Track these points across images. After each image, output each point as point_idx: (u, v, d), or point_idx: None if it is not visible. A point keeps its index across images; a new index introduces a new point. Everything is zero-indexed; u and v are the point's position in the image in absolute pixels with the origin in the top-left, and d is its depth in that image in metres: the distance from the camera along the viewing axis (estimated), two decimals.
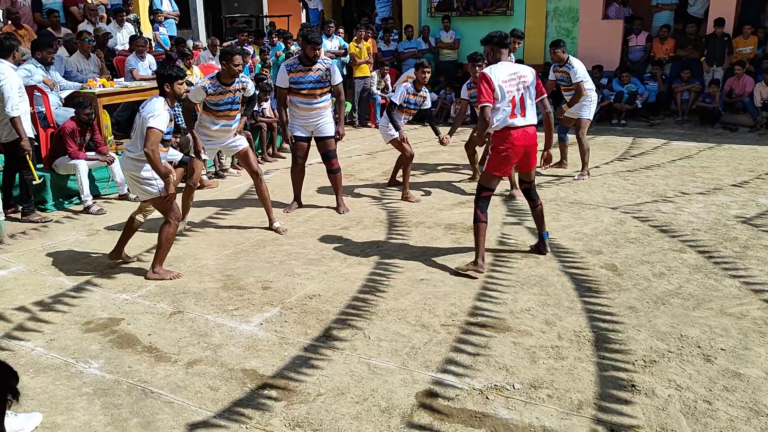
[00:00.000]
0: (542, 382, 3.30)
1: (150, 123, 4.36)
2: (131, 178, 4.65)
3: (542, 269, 4.77)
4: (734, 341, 3.65)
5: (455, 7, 12.74)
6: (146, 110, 4.45)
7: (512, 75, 4.57)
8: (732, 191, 6.75)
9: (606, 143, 9.48)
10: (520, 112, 4.59)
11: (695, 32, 11.10)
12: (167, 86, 4.49)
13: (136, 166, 4.56)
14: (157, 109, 4.41)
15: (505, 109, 4.55)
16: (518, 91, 4.57)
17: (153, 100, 4.51)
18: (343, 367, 3.47)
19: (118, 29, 10.32)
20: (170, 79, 4.47)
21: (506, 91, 4.52)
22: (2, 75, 5.64)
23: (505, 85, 4.52)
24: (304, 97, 6.04)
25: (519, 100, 4.58)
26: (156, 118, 4.37)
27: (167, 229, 4.69)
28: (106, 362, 3.58)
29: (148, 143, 4.34)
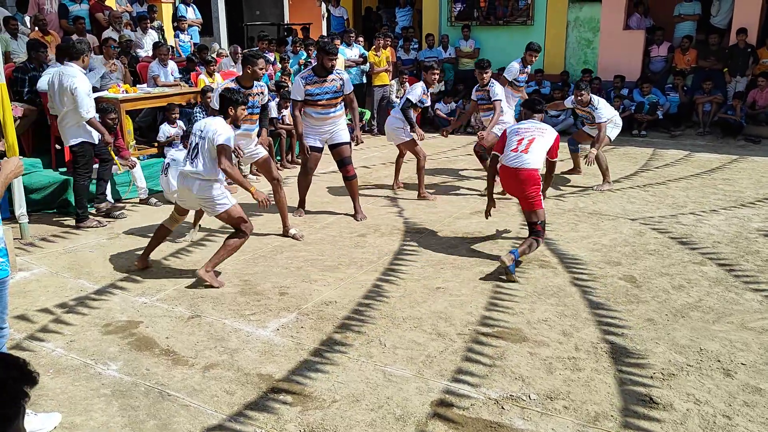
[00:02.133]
0: (559, 393, 3.27)
1: (219, 141, 4.50)
2: (203, 200, 4.68)
3: (560, 280, 4.74)
4: (755, 356, 3.60)
5: (475, 16, 12.75)
6: (209, 131, 4.55)
7: None
8: (754, 204, 6.66)
9: (626, 154, 9.41)
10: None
11: (718, 43, 10.99)
12: (231, 109, 4.64)
13: (209, 186, 4.63)
14: (221, 127, 4.56)
15: None
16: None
17: (213, 121, 4.64)
18: (359, 374, 3.48)
19: (142, 36, 10.47)
20: (235, 104, 4.65)
21: None
22: (74, 79, 5.78)
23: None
24: (321, 107, 6.08)
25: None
26: (223, 135, 4.52)
27: (239, 238, 4.75)
28: (125, 364, 3.62)
29: (223, 160, 4.51)
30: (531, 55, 7.81)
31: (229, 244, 4.74)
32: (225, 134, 4.54)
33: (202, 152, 4.59)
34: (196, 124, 4.79)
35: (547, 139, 5.09)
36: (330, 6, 15.04)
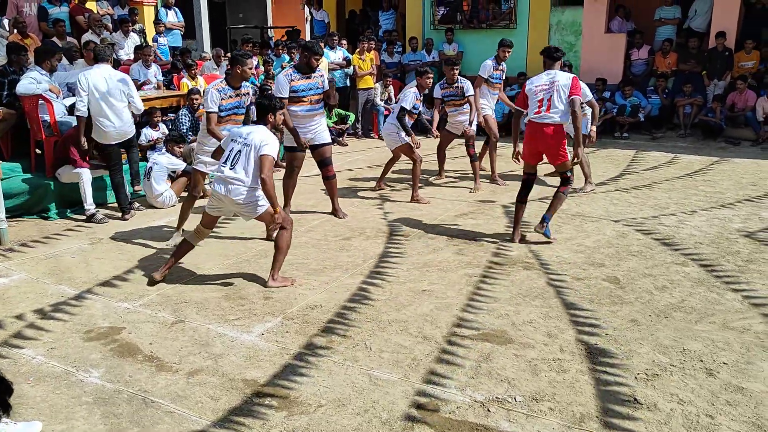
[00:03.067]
0: (544, 394, 3.28)
1: (264, 151, 4.51)
2: (244, 205, 4.65)
3: (544, 281, 4.77)
4: (737, 355, 3.64)
5: (459, 20, 12.81)
6: (255, 139, 4.55)
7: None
8: (734, 205, 6.74)
9: (609, 156, 9.48)
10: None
11: (697, 47, 11.14)
12: (270, 116, 4.70)
13: (252, 193, 4.64)
14: (267, 137, 4.57)
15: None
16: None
17: (257, 129, 4.62)
18: (345, 378, 3.46)
19: (123, 39, 10.39)
20: (274, 110, 4.70)
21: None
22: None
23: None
24: (308, 104, 6.11)
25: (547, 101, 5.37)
26: (269, 145, 4.53)
27: (285, 234, 4.77)
28: (107, 371, 3.58)
29: (265, 170, 4.50)
30: (504, 51, 7.92)
31: (281, 244, 4.75)
32: (272, 144, 4.55)
33: (246, 159, 4.58)
34: (237, 130, 4.75)
35: (562, 90, 5.35)
36: (312, 9, 15.02)
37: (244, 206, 4.67)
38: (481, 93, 7.87)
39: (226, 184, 4.63)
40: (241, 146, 4.60)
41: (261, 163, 4.51)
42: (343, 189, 7.69)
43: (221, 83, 5.52)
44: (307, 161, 6.63)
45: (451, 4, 12.91)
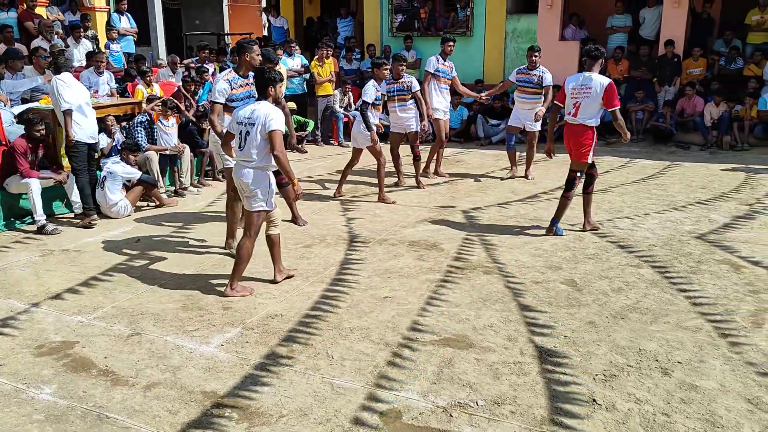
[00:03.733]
0: (505, 398, 3.31)
1: (272, 126, 4.41)
2: (250, 191, 4.56)
3: (504, 285, 4.81)
4: (690, 354, 3.73)
5: (416, 27, 12.91)
6: (259, 117, 4.44)
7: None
8: (686, 208, 6.94)
9: (565, 161, 9.63)
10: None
11: (648, 54, 11.46)
12: (271, 89, 4.56)
13: (262, 175, 4.56)
14: (272, 111, 4.47)
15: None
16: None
17: (259, 105, 4.52)
18: (306, 388, 3.43)
19: (75, 46, 10.14)
20: (273, 82, 4.56)
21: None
22: None
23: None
24: None
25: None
26: (275, 120, 4.44)
27: (247, 244, 4.66)
28: (60, 387, 3.46)
29: (276, 146, 4.42)
30: (447, 46, 8.27)
31: (243, 253, 4.66)
32: (277, 119, 4.45)
33: (253, 140, 4.48)
34: (240, 112, 4.59)
35: (594, 97, 5.69)
36: (270, 16, 14.94)
37: (250, 191, 4.56)
38: (430, 90, 8.14)
39: (239, 167, 4.61)
40: (247, 127, 4.50)
41: (271, 140, 4.43)
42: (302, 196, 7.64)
43: (230, 73, 5.39)
44: None
45: (408, 11, 13.00)
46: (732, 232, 6.02)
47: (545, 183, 8.22)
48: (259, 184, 4.55)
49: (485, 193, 7.75)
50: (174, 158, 7.83)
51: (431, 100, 8.13)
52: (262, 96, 4.61)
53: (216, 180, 8.61)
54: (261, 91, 4.61)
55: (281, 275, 4.92)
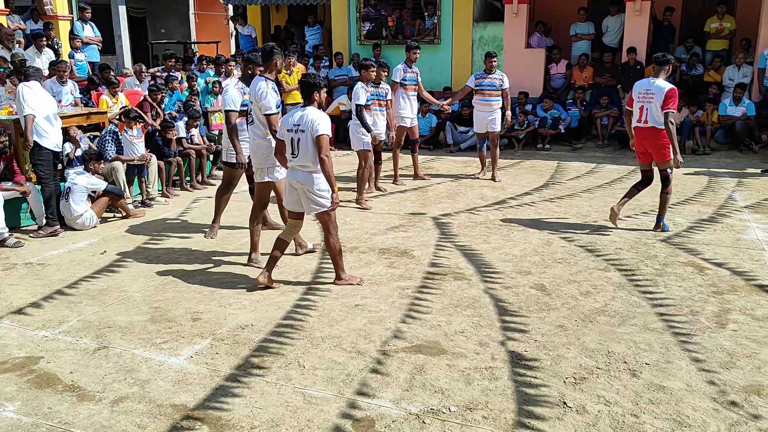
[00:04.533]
0: (477, 403, 3.32)
1: (320, 131, 4.60)
2: (307, 193, 4.72)
3: (474, 291, 4.84)
4: (657, 355, 3.80)
5: (384, 35, 12.96)
6: (308, 122, 4.63)
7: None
8: (651, 212, 7.06)
9: (532, 167, 9.78)
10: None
11: (611, 61, 11.70)
12: (316, 94, 4.76)
13: (315, 179, 4.70)
14: (319, 116, 4.66)
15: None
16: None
17: (307, 111, 4.69)
18: (278, 398, 3.40)
19: (37, 55, 9.95)
20: (318, 88, 4.76)
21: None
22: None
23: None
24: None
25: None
26: (322, 124, 4.62)
27: (332, 240, 4.87)
28: (23, 404, 3.38)
29: (323, 150, 4.59)
30: (413, 53, 8.49)
31: (332, 248, 4.89)
32: (324, 123, 4.64)
33: (305, 145, 4.65)
34: (289, 119, 4.74)
35: (657, 102, 5.97)
36: (238, 24, 14.87)
37: (310, 196, 4.73)
38: (397, 99, 8.34)
39: (296, 172, 4.74)
40: (298, 133, 4.67)
41: (318, 144, 4.60)
42: (273, 205, 7.61)
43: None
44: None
45: (376, 20, 13.06)
46: (696, 235, 6.16)
47: (513, 189, 8.32)
48: (317, 186, 4.72)
49: (455, 200, 7.80)
50: (141, 168, 7.72)
51: (398, 108, 8.35)
52: (307, 101, 4.78)
53: (184, 189, 8.51)
54: (306, 97, 4.78)
55: (341, 282, 5.02)
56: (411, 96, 8.46)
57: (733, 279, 5.01)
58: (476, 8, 12.46)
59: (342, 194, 7.94)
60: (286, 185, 4.88)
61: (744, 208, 7.10)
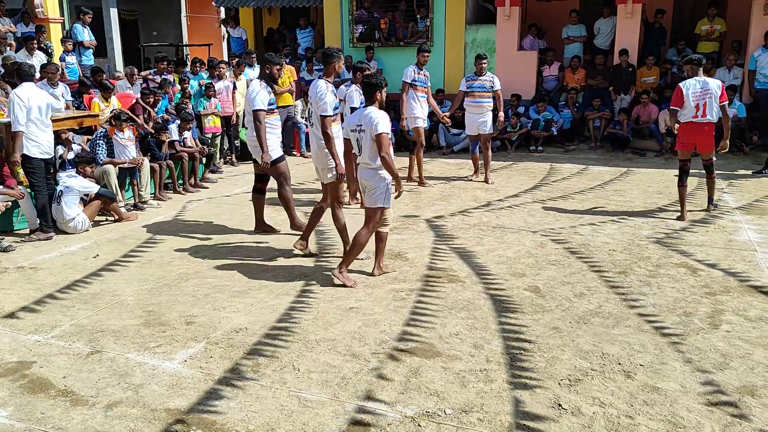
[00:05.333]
0: (473, 406, 3.32)
1: (379, 129, 4.76)
2: (368, 188, 4.94)
3: (469, 293, 4.85)
4: (651, 356, 3.81)
5: (377, 38, 12.97)
6: (368, 121, 4.80)
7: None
8: (643, 213, 7.10)
9: (525, 169, 9.80)
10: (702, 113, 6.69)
11: (603, 63, 11.75)
12: (377, 94, 4.92)
13: (377, 174, 4.90)
14: (379, 116, 4.81)
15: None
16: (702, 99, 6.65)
17: (369, 110, 4.86)
18: (273, 402, 3.39)
19: (28, 58, 9.89)
20: (380, 88, 4.93)
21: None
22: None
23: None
24: (276, 115, 6.31)
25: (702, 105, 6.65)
26: (381, 123, 4.78)
27: (366, 236, 5.00)
28: (16, 410, 3.35)
29: (383, 148, 4.75)
30: (423, 56, 8.52)
31: (360, 240, 4.99)
32: (384, 122, 4.79)
33: (366, 143, 4.85)
34: (352, 120, 4.93)
35: (714, 96, 6.62)
36: (229, 27, 14.85)
37: (373, 190, 4.91)
38: (408, 100, 8.38)
39: (363, 169, 4.97)
40: (359, 133, 4.88)
41: (378, 142, 4.76)
42: (266, 208, 7.60)
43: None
44: (239, 177, 6.50)
45: (368, 22, 13.06)
46: (688, 236, 6.19)
47: (506, 190, 8.34)
48: (378, 183, 4.89)
49: (448, 202, 7.81)
50: (133, 171, 7.69)
51: (411, 109, 8.37)
52: (369, 101, 4.93)
53: (177, 193, 8.49)
54: (368, 96, 4.94)
55: (379, 270, 5.18)
56: (421, 97, 8.51)
57: (725, 280, 5.04)
58: (469, 11, 12.50)
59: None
60: (360, 178, 5.08)
61: (736, 209, 7.14)
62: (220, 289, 5.03)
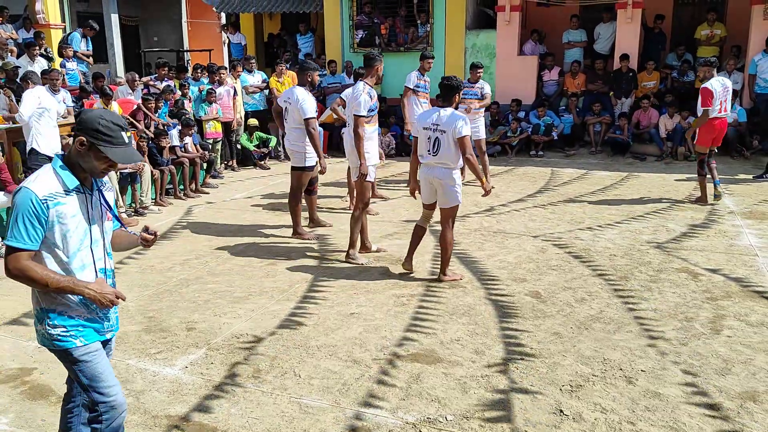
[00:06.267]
0: (474, 412, 3.32)
1: (462, 132, 4.86)
2: (447, 187, 5.01)
3: (470, 298, 4.84)
4: (653, 362, 3.80)
5: (377, 43, 12.99)
6: (449, 124, 4.87)
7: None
8: (643, 218, 7.10)
9: (525, 174, 9.80)
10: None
11: (603, 68, 11.77)
12: (456, 96, 5.06)
13: (453, 174, 4.99)
14: (460, 119, 4.90)
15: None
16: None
17: (448, 112, 4.94)
18: (274, 408, 3.38)
19: (29, 63, 9.91)
20: (459, 90, 5.08)
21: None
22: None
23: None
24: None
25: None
26: (465, 126, 4.88)
27: (449, 235, 5.13)
28: (17, 416, 3.35)
29: (467, 150, 4.87)
30: (426, 63, 8.49)
31: (446, 242, 5.12)
32: (466, 126, 4.89)
33: (446, 144, 4.91)
34: (427, 119, 5.03)
35: (731, 93, 7.57)
36: (228, 33, 14.88)
37: (449, 189, 5.00)
38: (411, 105, 8.38)
39: (434, 168, 5.02)
40: (437, 132, 4.93)
41: (461, 145, 4.87)
42: (267, 213, 7.61)
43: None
44: (240, 183, 6.50)
45: (369, 27, 13.08)
46: (689, 241, 6.18)
47: (507, 195, 8.33)
48: (455, 182, 4.98)
49: None
50: (134, 177, 7.69)
51: (413, 115, 8.32)
52: (447, 103, 5.01)
53: (177, 198, 8.49)
54: (447, 98, 5.02)
55: (445, 277, 5.23)
56: (423, 103, 8.49)
57: (726, 285, 5.03)
58: (469, 16, 12.51)
59: (337, 202, 7.95)
60: (422, 180, 5.19)
61: (736, 214, 7.13)
62: (220, 294, 5.03)
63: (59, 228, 2.37)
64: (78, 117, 2.42)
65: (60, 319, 2.48)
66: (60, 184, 2.37)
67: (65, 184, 2.38)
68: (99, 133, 2.34)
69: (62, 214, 2.36)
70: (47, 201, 2.32)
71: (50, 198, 2.33)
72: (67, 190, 2.38)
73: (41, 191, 2.32)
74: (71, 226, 2.39)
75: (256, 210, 7.81)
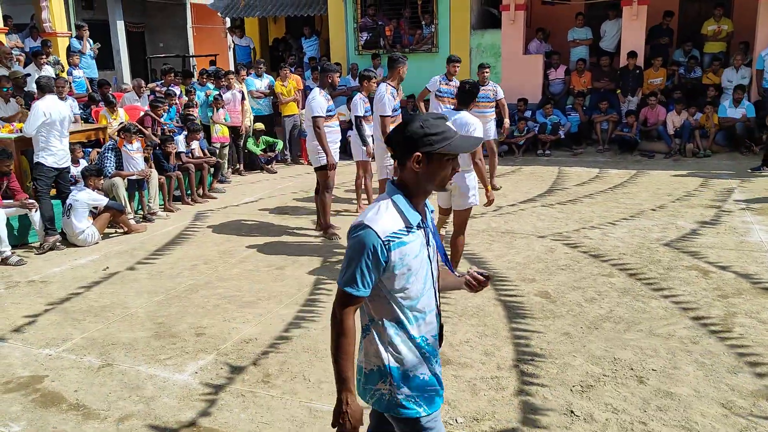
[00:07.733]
0: (484, 414, 3.30)
1: (476, 135, 4.74)
2: (460, 189, 4.95)
3: (479, 299, 4.83)
4: (664, 361, 3.78)
5: (382, 45, 12.99)
6: (461, 126, 4.77)
7: None
8: (653, 215, 7.06)
9: (533, 173, 9.77)
10: None
11: (609, 65, 11.72)
12: (473, 102, 5.07)
13: (466, 178, 4.94)
14: (473, 121, 4.84)
15: None
16: None
17: (461, 115, 4.87)
18: (284, 413, 3.38)
19: (37, 72, 9.97)
20: (475, 96, 5.08)
21: None
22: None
23: None
24: (335, 120, 6.60)
25: None
26: (478, 130, 4.83)
27: (461, 239, 5.12)
28: (28, 424, 3.36)
29: (477, 154, 4.85)
30: (453, 67, 8.39)
31: (458, 246, 5.11)
32: (479, 129, 4.83)
33: None
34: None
35: None
36: (235, 36, 14.92)
37: (463, 192, 4.94)
38: (434, 110, 8.35)
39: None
40: None
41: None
42: (275, 217, 7.62)
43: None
44: (247, 187, 6.52)
45: (373, 29, 13.09)
46: (699, 238, 6.14)
47: (515, 195, 8.31)
48: (469, 184, 4.94)
49: None
50: (141, 183, 7.72)
51: None
52: (463, 106, 5.00)
53: (185, 203, 8.51)
54: (464, 102, 5.01)
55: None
56: (449, 109, 8.36)
57: (737, 282, 4.99)
58: (473, 16, 12.50)
59: (342, 205, 7.96)
60: None
61: (746, 210, 7.08)
62: (229, 299, 5.03)
63: (402, 271, 2.04)
64: (394, 138, 2.07)
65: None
66: (403, 220, 2.03)
67: (408, 221, 2.04)
68: (431, 136, 2.02)
69: (405, 254, 2.03)
70: (390, 242, 2.00)
71: (393, 238, 2.00)
72: (409, 227, 2.04)
73: (383, 231, 1.99)
74: (414, 267, 2.06)
75: (263, 214, 7.83)
